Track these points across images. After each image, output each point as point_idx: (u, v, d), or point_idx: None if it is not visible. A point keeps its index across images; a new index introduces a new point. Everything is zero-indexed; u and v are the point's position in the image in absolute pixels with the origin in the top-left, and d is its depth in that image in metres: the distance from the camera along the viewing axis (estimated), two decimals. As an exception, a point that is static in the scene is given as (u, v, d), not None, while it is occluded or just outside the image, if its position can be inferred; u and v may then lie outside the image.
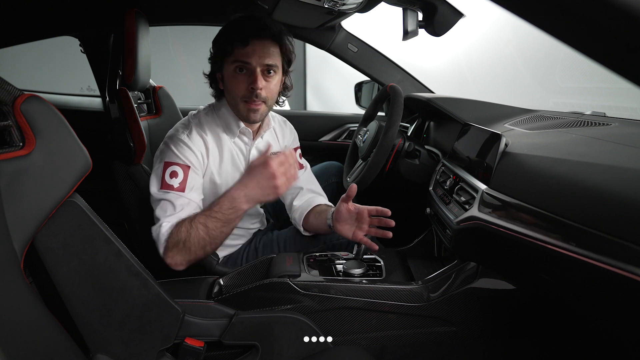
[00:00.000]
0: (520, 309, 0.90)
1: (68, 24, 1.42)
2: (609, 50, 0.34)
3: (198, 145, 1.01)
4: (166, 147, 1.01)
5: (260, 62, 0.96)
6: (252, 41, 0.95)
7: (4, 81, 0.55)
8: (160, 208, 0.96)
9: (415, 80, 1.66)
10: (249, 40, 0.95)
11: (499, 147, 0.83)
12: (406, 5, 1.19)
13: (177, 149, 0.99)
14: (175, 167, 0.97)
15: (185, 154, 0.99)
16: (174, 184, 0.96)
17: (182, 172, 0.97)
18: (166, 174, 0.97)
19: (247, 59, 0.95)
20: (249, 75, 0.97)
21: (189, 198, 0.97)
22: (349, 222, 1.00)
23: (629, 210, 0.53)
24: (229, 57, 0.97)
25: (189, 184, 0.98)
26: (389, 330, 0.91)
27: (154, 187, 0.98)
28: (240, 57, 0.96)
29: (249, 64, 0.96)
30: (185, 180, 0.97)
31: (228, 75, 1.00)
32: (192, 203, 0.97)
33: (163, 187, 0.96)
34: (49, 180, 0.59)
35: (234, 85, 0.99)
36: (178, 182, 0.96)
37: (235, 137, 1.08)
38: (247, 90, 0.98)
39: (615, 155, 0.68)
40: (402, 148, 1.28)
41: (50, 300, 0.63)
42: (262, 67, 0.97)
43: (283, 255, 1.02)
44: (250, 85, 0.97)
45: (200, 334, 0.79)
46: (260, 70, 0.96)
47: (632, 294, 0.51)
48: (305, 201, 1.17)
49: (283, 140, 1.21)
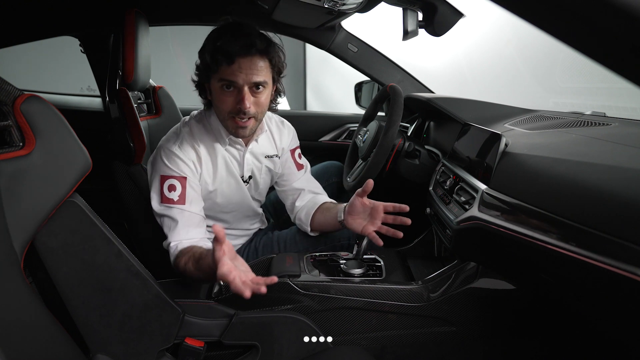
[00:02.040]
0: (520, 308, 0.90)
1: (68, 24, 1.42)
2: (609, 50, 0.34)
3: (189, 155, 1.00)
4: (159, 159, 1.00)
5: (247, 80, 0.92)
6: (238, 59, 0.90)
7: (4, 81, 0.56)
8: (165, 225, 0.97)
9: (415, 80, 1.66)
10: (235, 58, 0.90)
11: (499, 147, 0.83)
12: (406, 5, 1.19)
13: (169, 162, 0.98)
14: (172, 181, 0.98)
15: (178, 166, 0.99)
16: (173, 197, 0.97)
17: (179, 185, 0.98)
18: (164, 188, 0.97)
19: (233, 78, 0.91)
20: (237, 93, 0.93)
21: (190, 211, 0.98)
22: (361, 217, 0.98)
23: (629, 210, 0.53)
24: (215, 74, 0.94)
25: (188, 196, 0.98)
26: (389, 330, 0.91)
27: (155, 202, 0.98)
28: (226, 76, 0.92)
29: (235, 82, 0.92)
30: (184, 192, 0.98)
31: (215, 91, 0.96)
32: (194, 216, 0.98)
33: (163, 201, 0.97)
34: (49, 180, 0.59)
35: (220, 102, 0.96)
36: (177, 195, 0.97)
37: (227, 145, 1.06)
38: (234, 107, 0.94)
39: (615, 155, 0.68)
40: (402, 148, 1.28)
41: (50, 300, 0.63)
42: (249, 85, 0.93)
43: (283, 255, 1.02)
44: (237, 104, 0.93)
45: (200, 334, 0.79)
46: (247, 88, 0.93)
47: (632, 294, 0.51)
48: (309, 200, 1.16)
49: (280, 141, 1.18)
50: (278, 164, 1.18)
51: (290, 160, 1.21)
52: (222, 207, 1.11)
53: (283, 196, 1.23)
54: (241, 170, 1.11)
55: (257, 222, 1.26)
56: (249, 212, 1.19)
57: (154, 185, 1.00)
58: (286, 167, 1.21)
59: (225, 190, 1.09)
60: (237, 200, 1.13)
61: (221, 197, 1.09)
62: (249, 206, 1.17)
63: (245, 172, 1.11)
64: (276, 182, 1.24)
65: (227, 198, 1.10)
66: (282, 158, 1.19)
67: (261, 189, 1.20)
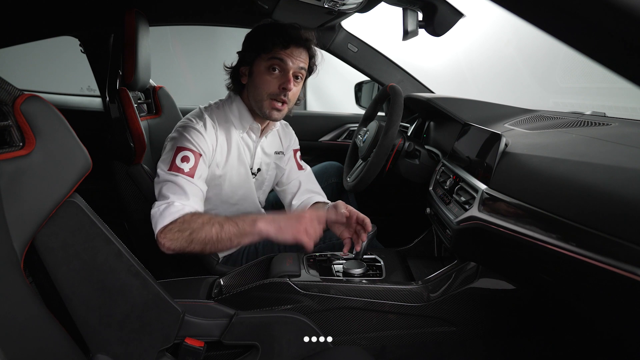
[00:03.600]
0: (520, 308, 0.90)
1: (68, 24, 1.41)
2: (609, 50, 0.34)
3: (210, 137, 1.03)
4: (179, 134, 1.01)
5: (295, 65, 1.01)
6: (292, 46, 1.00)
7: (4, 81, 0.55)
8: (167, 188, 0.94)
9: (415, 80, 1.66)
10: (290, 44, 0.99)
11: (499, 147, 0.83)
12: (406, 5, 1.19)
13: (191, 136, 0.99)
14: (187, 152, 0.97)
15: (199, 142, 1.00)
16: (184, 168, 0.96)
17: (193, 158, 0.98)
18: (177, 157, 0.97)
19: (285, 58, 0.99)
20: (283, 75, 1.00)
21: (197, 185, 0.97)
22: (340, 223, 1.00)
23: (629, 210, 0.53)
24: (267, 54, 1.00)
25: (198, 172, 0.98)
26: (389, 330, 0.91)
27: (162, 168, 0.97)
28: (278, 56, 0.99)
29: (286, 63, 0.99)
30: (196, 166, 0.98)
31: (259, 71, 1.02)
32: (199, 192, 0.97)
33: (172, 168, 0.96)
34: (49, 180, 0.58)
35: (264, 82, 1.01)
36: (189, 167, 0.96)
37: (244, 133, 1.09)
38: (277, 89, 1.00)
39: (615, 155, 0.68)
40: (402, 148, 1.28)
41: (50, 300, 0.63)
42: (295, 71, 1.01)
43: (283, 255, 1.02)
44: (282, 84, 1.00)
45: (200, 334, 0.79)
46: (292, 72, 1.00)
47: (632, 294, 0.51)
48: (304, 200, 1.19)
49: (286, 140, 1.25)
50: (284, 160, 1.23)
51: (292, 160, 1.26)
52: (227, 197, 1.12)
53: (282, 196, 1.26)
54: (251, 162, 1.14)
55: (257, 222, 1.26)
56: (253, 209, 1.20)
57: (166, 154, 1.00)
58: (288, 166, 1.25)
59: (234, 177, 1.10)
60: (243, 193, 1.15)
61: (228, 185, 1.10)
62: (252, 202, 1.18)
63: (255, 164, 1.15)
64: (277, 182, 1.26)
65: (233, 187, 1.12)
66: (286, 156, 1.24)
67: (265, 185, 1.23)
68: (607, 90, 1.44)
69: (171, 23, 1.75)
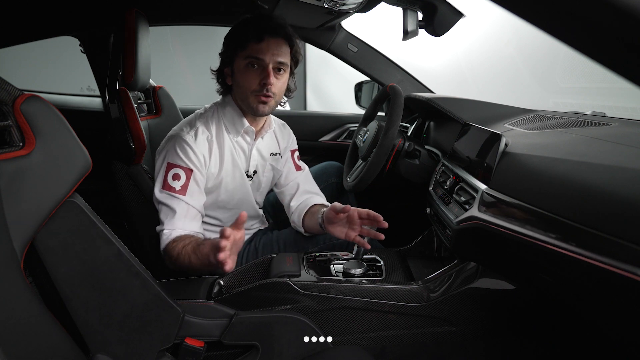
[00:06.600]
0: (520, 308, 0.90)
1: (68, 24, 1.42)
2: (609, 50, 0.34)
3: (202, 148, 1.02)
4: (170, 147, 1.01)
5: (273, 59, 0.98)
6: (267, 38, 0.97)
7: (4, 81, 0.56)
8: (162, 212, 0.99)
9: (415, 80, 1.66)
10: (264, 37, 0.97)
11: (499, 147, 0.83)
12: (406, 5, 1.19)
13: (180, 151, 1.00)
14: (178, 170, 0.99)
15: (189, 157, 1.00)
16: (175, 187, 0.98)
17: (184, 175, 0.99)
18: (169, 175, 0.99)
19: (260, 55, 0.97)
20: (261, 71, 0.99)
21: (189, 203, 0.98)
22: (340, 224, 1.01)
23: (629, 210, 0.53)
24: (243, 51, 0.99)
25: (190, 189, 0.99)
26: (389, 330, 0.91)
27: (156, 188, 1.00)
28: (253, 53, 0.97)
29: (262, 60, 0.98)
30: (187, 183, 0.99)
31: (239, 70, 1.01)
32: (192, 209, 0.99)
33: (165, 187, 0.98)
34: (49, 180, 0.59)
35: (245, 80, 1.00)
36: (180, 185, 0.98)
37: (238, 136, 1.08)
38: (258, 85, 0.99)
39: (615, 155, 0.68)
40: (402, 148, 1.28)
41: (50, 300, 0.63)
42: (274, 64, 0.99)
43: (283, 255, 1.02)
44: (262, 80, 0.99)
45: (200, 334, 0.79)
46: (271, 67, 0.98)
47: (632, 294, 0.51)
48: (302, 202, 1.18)
49: (283, 141, 1.23)
50: (281, 162, 1.22)
51: (290, 161, 1.24)
52: (224, 203, 1.12)
53: (281, 197, 1.26)
54: (247, 165, 1.13)
55: (257, 223, 1.26)
56: (250, 212, 1.20)
57: (159, 168, 1.02)
58: (285, 167, 1.24)
59: (229, 184, 1.10)
60: (240, 197, 1.14)
61: (224, 191, 1.10)
62: (250, 204, 1.18)
63: (251, 167, 1.14)
64: (275, 183, 1.25)
65: (230, 193, 1.11)
66: (284, 157, 1.23)
67: (263, 187, 1.21)
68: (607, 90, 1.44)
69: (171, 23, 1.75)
